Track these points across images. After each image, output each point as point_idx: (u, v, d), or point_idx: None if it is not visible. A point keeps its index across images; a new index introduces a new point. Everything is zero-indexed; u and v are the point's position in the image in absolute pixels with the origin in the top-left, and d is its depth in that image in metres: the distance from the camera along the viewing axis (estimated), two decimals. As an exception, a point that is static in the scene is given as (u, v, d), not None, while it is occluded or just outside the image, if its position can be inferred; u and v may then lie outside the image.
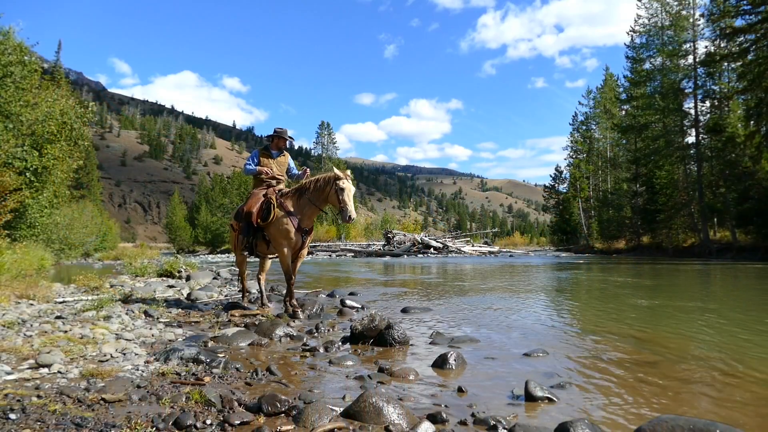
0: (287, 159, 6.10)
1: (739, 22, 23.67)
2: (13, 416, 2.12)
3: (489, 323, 5.12)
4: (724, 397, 2.67)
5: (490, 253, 37.25)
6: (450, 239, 41.14)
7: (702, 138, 29.64)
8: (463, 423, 2.23)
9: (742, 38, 23.51)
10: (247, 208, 5.57)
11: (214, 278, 11.10)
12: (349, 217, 5.00)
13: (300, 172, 5.94)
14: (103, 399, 2.39)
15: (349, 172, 5.31)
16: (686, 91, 30.53)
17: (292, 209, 5.38)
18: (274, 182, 5.83)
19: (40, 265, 11.21)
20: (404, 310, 5.91)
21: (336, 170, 5.25)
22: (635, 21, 34.95)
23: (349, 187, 5.14)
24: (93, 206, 36.30)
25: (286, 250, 5.38)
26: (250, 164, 5.81)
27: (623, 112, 39.42)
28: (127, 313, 5.26)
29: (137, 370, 3.02)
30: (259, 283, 6.28)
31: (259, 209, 5.50)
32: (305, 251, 5.68)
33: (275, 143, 5.99)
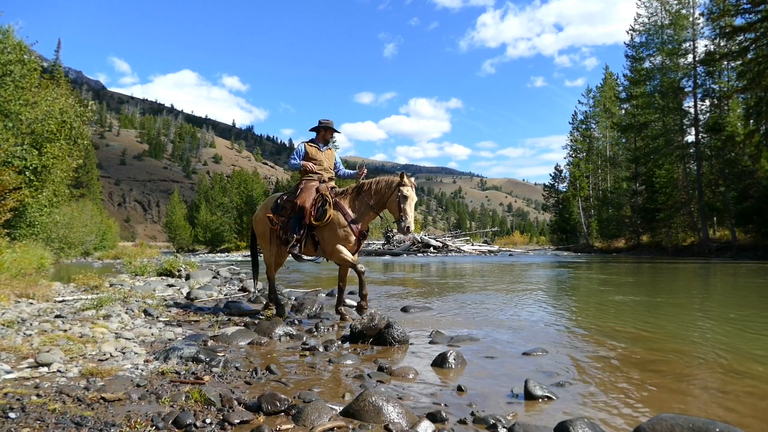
0: (334, 154, 5.61)
1: (738, 21, 23.67)
2: (12, 415, 2.12)
3: (488, 322, 5.12)
4: (723, 395, 2.67)
5: (490, 252, 37.25)
6: (449, 238, 41.12)
7: (701, 137, 29.64)
8: (462, 422, 2.23)
9: (741, 37, 23.50)
10: (301, 202, 4.99)
11: (214, 277, 11.10)
12: (407, 228, 4.64)
13: (353, 172, 5.49)
14: (102, 398, 2.39)
15: (413, 179, 4.92)
16: (686, 89, 30.52)
17: (349, 211, 4.94)
18: (325, 176, 5.34)
19: (39, 264, 11.22)
20: (404, 309, 5.91)
21: (404, 176, 4.81)
22: (635, 20, 34.96)
23: (412, 196, 4.74)
24: (92, 205, 36.29)
25: (344, 251, 4.93)
26: (295, 159, 5.35)
27: (623, 111, 39.37)
28: (126, 312, 5.26)
29: (137, 369, 3.02)
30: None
31: (312, 205, 5.01)
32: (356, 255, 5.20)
33: (321, 135, 5.47)
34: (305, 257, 5.22)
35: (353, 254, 5.04)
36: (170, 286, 8.81)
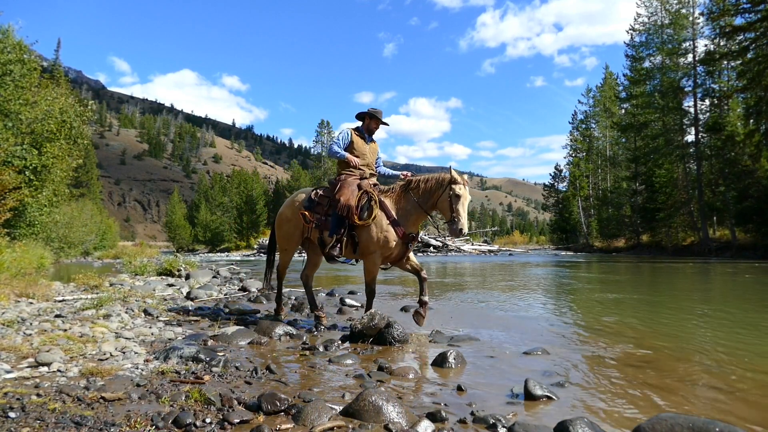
0: (377, 148, 5.11)
1: (738, 21, 23.68)
2: (12, 415, 2.12)
3: (488, 322, 5.13)
4: (724, 394, 2.67)
5: (490, 251, 37.26)
6: (449, 238, 41.13)
7: (701, 136, 29.66)
8: (462, 421, 2.23)
9: (741, 37, 23.53)
10: (345, 200, 4.49)
11: (214, 277, 11.11)
12: (460, 230, 4.23)
13: (393, 172, 5.08)
14: (102, 397, 2.39)
15: (466, 176, 4.59)
16: (686, 89, 30.55)
17: (394, 212, 4.52)
18: (367, 172, 4.86)
19: (39, 263, 11.22)
20: (404, 309, 5.91)
21: (453, 172, 4.41)
22: (635, 19, 34.99)
23: (465, 195, 4.34)
24: (92, 205, 36.28)
25: (378, 260, 4.55)
26: (338, 145, 4.79)
27: (623, 111, 39.40)
28: (126, 312, 5.26)
29: (137, 368, 3.02)
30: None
31: (357, 204, 4.54)
32: (411, 254, 4.77)
33: (366, 124, 4.99)
34: (342, 259, 4.74)
35: (400, 259, 4.65)
36: (170, 285, 8.81)
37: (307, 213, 4.79)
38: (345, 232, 4.52)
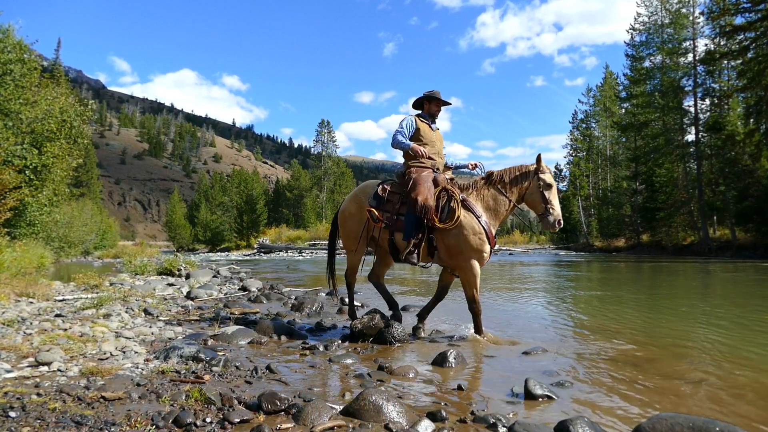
0: (442, 136, 4.54)
1: (739, 20, 23.67)
2: (13, 414, 2.12)
3: (488, 321, 5.12)
4: (724, 394, 2.67)
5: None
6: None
7: (702, 136, 29.65)
8: (462, 421, 2.23)
9: (741, 36, 23.52)
10: (422, 200, 3.90)
11: (214, 276, 11.11)
12: (558, 221, 3.88)
13: (460, 162, 4.55)
14: (102, 397, 2.39)
15: (552, 167, 4.14)
16: (686, 89, 30.54)
17: (479, 210, 4.00)
18: (439, 162, 4.33)
19: (39, 263, 11.22)
20: (404, 309, 5.91)
21: (541, 161, 4.04)
22: (635, 19, 34.97)
23: (554, 184, 4.02)
24: (92, 204, 36.32)
25: (478, 268, 4.04)
26: (403, 134, 4.21)
27: (623, 110, 39.38)
28: (126, 311, 5.26)
29: (137, 368, 3.02)
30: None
31: (436, 203, 4.02)
32: None
33: (427, 109, 4.41)
34: (420, 264, 4.22)
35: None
36: (170, 285, 8.81)
37: (375, 211, 4.21)
38: (424, 236, 4.00)
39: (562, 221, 3.90)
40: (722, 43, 26.96)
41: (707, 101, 30.33)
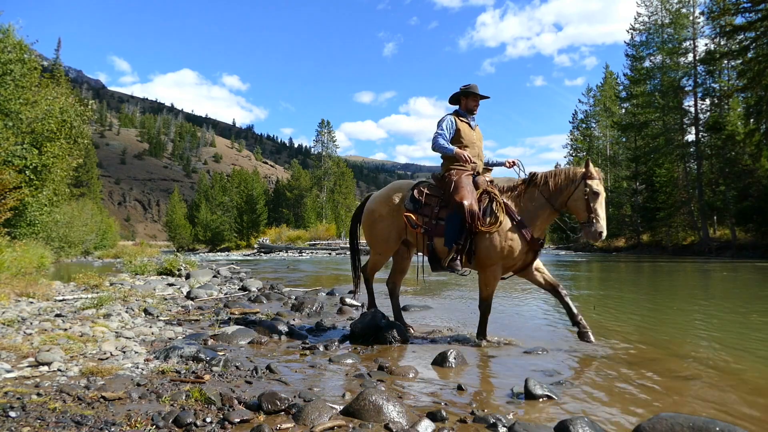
0: (481, 134, 4.33)
1: (739, 20, 23.68)
2: (13, 414, 2.12)
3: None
4: (723, 394, 2.67)
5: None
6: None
7: (702, 136, 29.66)
8: (462, 421, 2.23)
9: (742, 36, 23.53)
10: (468, 204, 3.77)
11: (214, 276, 11.10)
12: (600, 233, 3.65)
13: (498, 160, 4.39)
14: (103, 397, 2.40)
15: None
16: (686, 89, 30.54)
17: (517, 213, 3.88)
18: (479, 165, 4.16)
19: (39, 263, 11.23)
20: (404, 308, 5.91)
21: (591, 166, 3.82)
22: (635, 19, 34.95)
23: (602, 192, 3.78)
24: (93, 204, 36.34)
25: (499, 272, 3.96)
26: (444, 137, 4.05)
27: (623, 110, 39.37)
28: (126, 311, 5.26)
29: (137, 368, 3.02)
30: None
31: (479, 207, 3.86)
32: (540, 263, 4.17)
33: (465, 105, 4.23)
34: (460, 271, 3.98)
35: (525, 268, 4.06)
36: (170, 285, 8.81)
37: (413, 215, 4.04)
38: (468, 241, 3.82)
39: (605, 233, 3.68)
40: (722, 42, 26.98)
41: (707, 101, 30.35)
